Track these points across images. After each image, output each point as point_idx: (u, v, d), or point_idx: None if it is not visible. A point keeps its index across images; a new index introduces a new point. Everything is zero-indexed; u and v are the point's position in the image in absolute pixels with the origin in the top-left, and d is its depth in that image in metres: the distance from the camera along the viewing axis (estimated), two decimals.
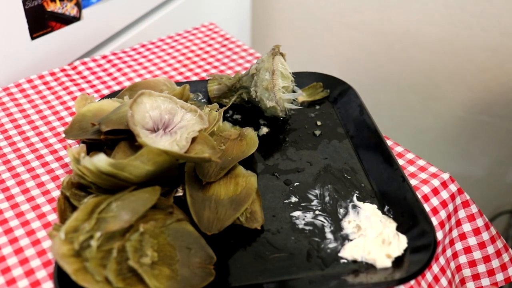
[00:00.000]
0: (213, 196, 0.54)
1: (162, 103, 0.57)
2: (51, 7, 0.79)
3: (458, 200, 0.60)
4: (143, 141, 0.51)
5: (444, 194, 0.59)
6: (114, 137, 0.55)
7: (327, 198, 0.57)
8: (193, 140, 0.55)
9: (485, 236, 0.60)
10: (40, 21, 0.79)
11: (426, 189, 0.58)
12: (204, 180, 0.54)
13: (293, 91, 0.69)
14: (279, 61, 0.66)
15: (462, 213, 0.60)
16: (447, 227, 0.58)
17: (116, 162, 0.48)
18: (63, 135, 0.59)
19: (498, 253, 0.60)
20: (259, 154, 0.63)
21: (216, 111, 0.63)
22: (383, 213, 0.55)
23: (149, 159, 0.49)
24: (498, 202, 1.26)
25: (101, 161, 0.48)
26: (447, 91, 1.19)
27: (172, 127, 0.56)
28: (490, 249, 0.60)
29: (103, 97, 0.70)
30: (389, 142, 0.65)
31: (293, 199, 0.57)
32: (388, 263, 0.50)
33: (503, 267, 0.60)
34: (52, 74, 0.79)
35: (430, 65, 1.17)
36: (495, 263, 0.60)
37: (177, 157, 0.51)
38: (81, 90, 0.77)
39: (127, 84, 0.78)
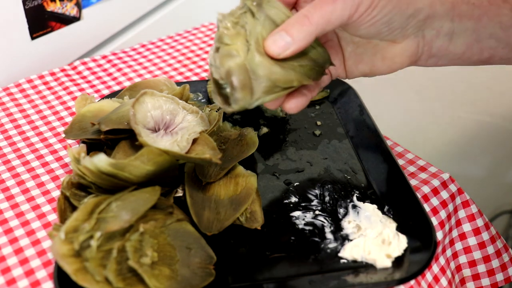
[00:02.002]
0: (213, 196, 0.54)
1: (164, 104, 0.57)
2: (51, 7, 0.79)
3: (458, 200, 0.60)
4: (144, 140, 0.51)
5: (444, 194, 0.59)
6: (114, 137, 0.55)
7: (327, 198, 0.57)
8: (194, 141, 0.55)
9: (485, 236, 0.60)
10: (40, 21, 0.79)
11: (426, 189, 0.58)
12: (204, 181, 0.54)
13: None
14: None
15: (462, 213, 0.60)
16: (447, 227, 0.58)
17: (116, 162, 0.48)
18: (63, 135, 0.59)
19: (498, 253, 0.60)
20: (259, 154, 0.63)
21: (216, 111, 0.63)
22: (383, 213, 0.55)
23: (149, 159, 0.49)
24: (498, 202, 1.25)
25: (101, 161, 0.48)
26: (447, 91, 1.19)
27: (173, 127, 0.56)
28: (490, 249, 0.60)
29: (103, 97, 0.70)
30: (389, 142, 0.65)
31: (293, 199, 0.57)
32: (388, 263, 0.50)
33: (503, 267, 0.60)
34: (52, 74, 0.79)
35: None
36: (495, 263, 0.60)
37: (177, 158, 0.51)
38: (81, 90, 0.77)
39: (127, 84, 0.78)
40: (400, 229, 0.53)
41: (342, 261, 0.51)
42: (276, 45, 0.42)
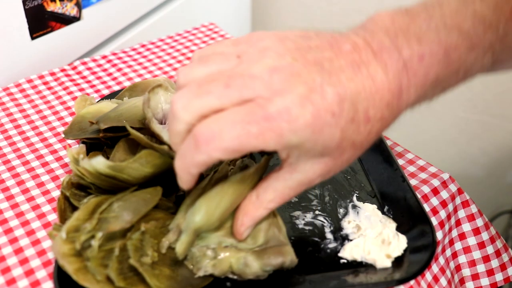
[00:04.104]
0: None
1: None
2: (51, 7, 0.79)
3: (458, 200, 0.60)
4: (153, 126, 0.51)
5: (444, 194, 0.59)
6: (113, 135, 0.55)
7: (327, 198, 0.57)
8: None
9: (484, 236, 0.60)
10: (40, 21, 0.79)
11: (426, 189, 0.58)
12: None
13: None
14: None
15: (462, 213, 0.60)
16: (446, 227, 0.58)
17: (114, 164, 0.48)
18: (63, 135, 0.59)
19: (497, 253, 0.60)
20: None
21: None
22: (383, 213, 0.55)
23: (148, 162, 0.49)
24: (498, 202, 1.26)
25: (99, 163, 0.48)
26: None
27: None
28: (490, 249, 0.60)
29: (103, 97, 0.70)
30: (389, 142, 0.65)
31: (293, 199, 0.57)
32: (388, 263, 0.50)
33: (503, 267, 0.60)
34: (52, 74, 0.80)
35: None
36: (494, 263, 0.60)
37: None
38: (81, 90, 0.77)
39: (127, 84, 0.78)
40: (400, 229, 0.53)
41: (342, 261, 0.51)
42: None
